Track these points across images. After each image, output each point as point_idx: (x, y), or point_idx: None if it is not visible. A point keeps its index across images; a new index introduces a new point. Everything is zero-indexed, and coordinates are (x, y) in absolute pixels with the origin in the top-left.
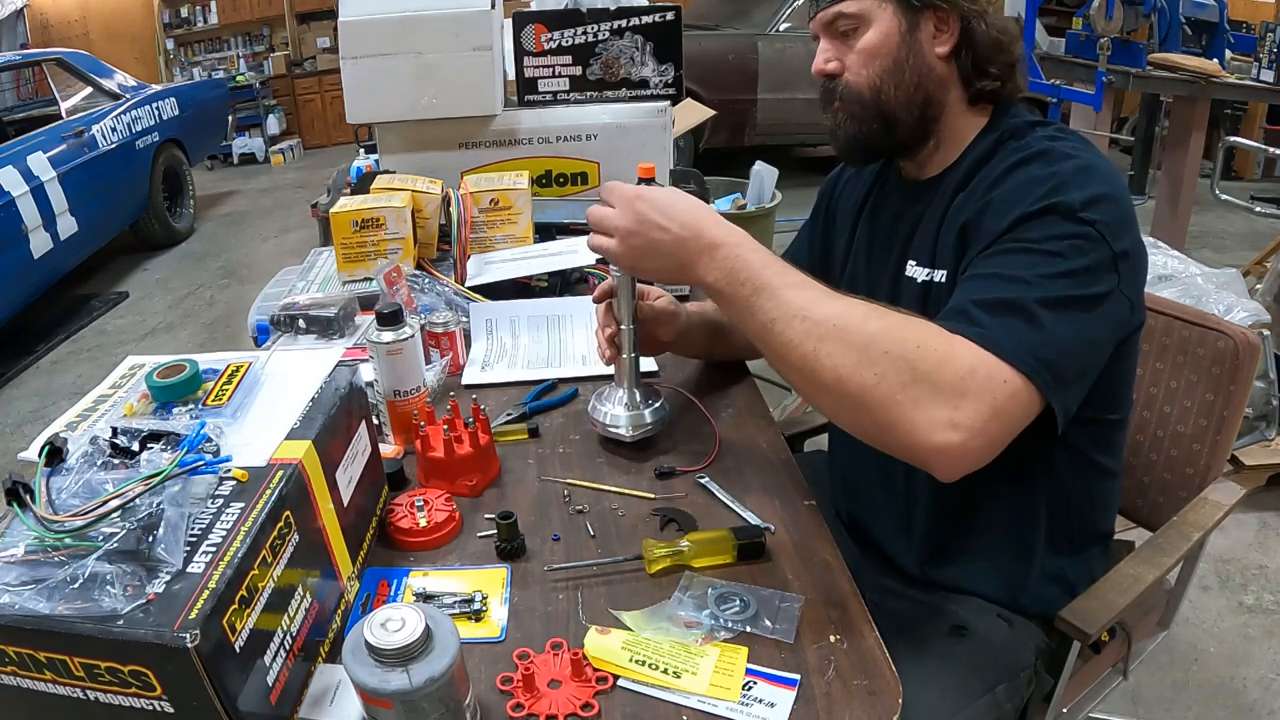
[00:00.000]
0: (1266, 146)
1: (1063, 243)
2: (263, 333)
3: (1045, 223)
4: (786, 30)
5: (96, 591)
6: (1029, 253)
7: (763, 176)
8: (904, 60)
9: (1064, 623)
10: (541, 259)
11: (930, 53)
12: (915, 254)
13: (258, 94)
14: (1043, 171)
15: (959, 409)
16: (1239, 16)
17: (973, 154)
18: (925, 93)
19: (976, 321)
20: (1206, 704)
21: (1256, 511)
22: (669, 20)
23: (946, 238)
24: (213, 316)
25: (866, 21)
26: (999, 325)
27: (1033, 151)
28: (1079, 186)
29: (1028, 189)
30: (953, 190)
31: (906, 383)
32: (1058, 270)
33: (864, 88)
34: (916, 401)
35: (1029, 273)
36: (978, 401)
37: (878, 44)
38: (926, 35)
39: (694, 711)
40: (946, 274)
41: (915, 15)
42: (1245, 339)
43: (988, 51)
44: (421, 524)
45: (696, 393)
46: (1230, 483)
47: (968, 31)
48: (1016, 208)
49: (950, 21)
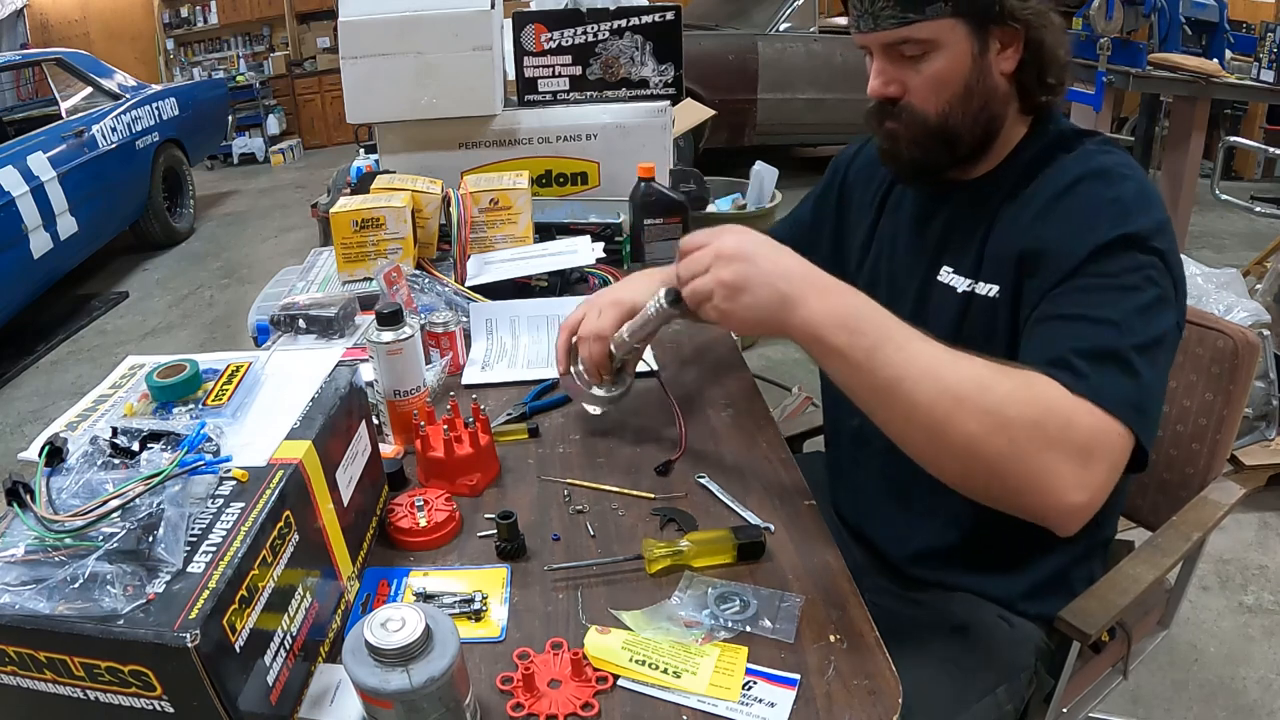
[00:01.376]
0: (1266, 146)
1: (1139, 274)
2: (263, 333)
3: (1121, 256)
4: (786, 30)
5: (96, 591)
6: (1111, 290)
7: (763, 176)
8: (974, 84)
9: (1064, 623)
10: (541, 259)
11: (996, 71)
12: (952, 260)
13: (258, 94)
14: (1105, 195)
15: (1088, 469)
16: (1239, 16)
17: (1019, 161)
18: (990, 112)
19: (1082, 374)
20: (1206, 704)
21: (1256, 511)
22: (669, 20)
23: (998, 252)
24: (213, 316)
25: (936, 46)
26: (1104, 378)
27: (1090, 170)
28: (1143, 212)
29: (1094, 216)
30: (998, 198)
31: (1040, 448)
32: (1139, 305)
33: (931, 114)
34: (1050, 467)
35: (1116, 313)
36: (1103, 461)
37: (949, 70)
38: (994, 54)
39: (694, 711)
40: (999, 290)
41: (985, 35)
42: (1245, 339)
43: (1050, 62)
44: (421, 524)
45: (696, 393)
46: (1230, 483)
47: (1033, 45)
48: (1089, 238)
49: (1016, 37)
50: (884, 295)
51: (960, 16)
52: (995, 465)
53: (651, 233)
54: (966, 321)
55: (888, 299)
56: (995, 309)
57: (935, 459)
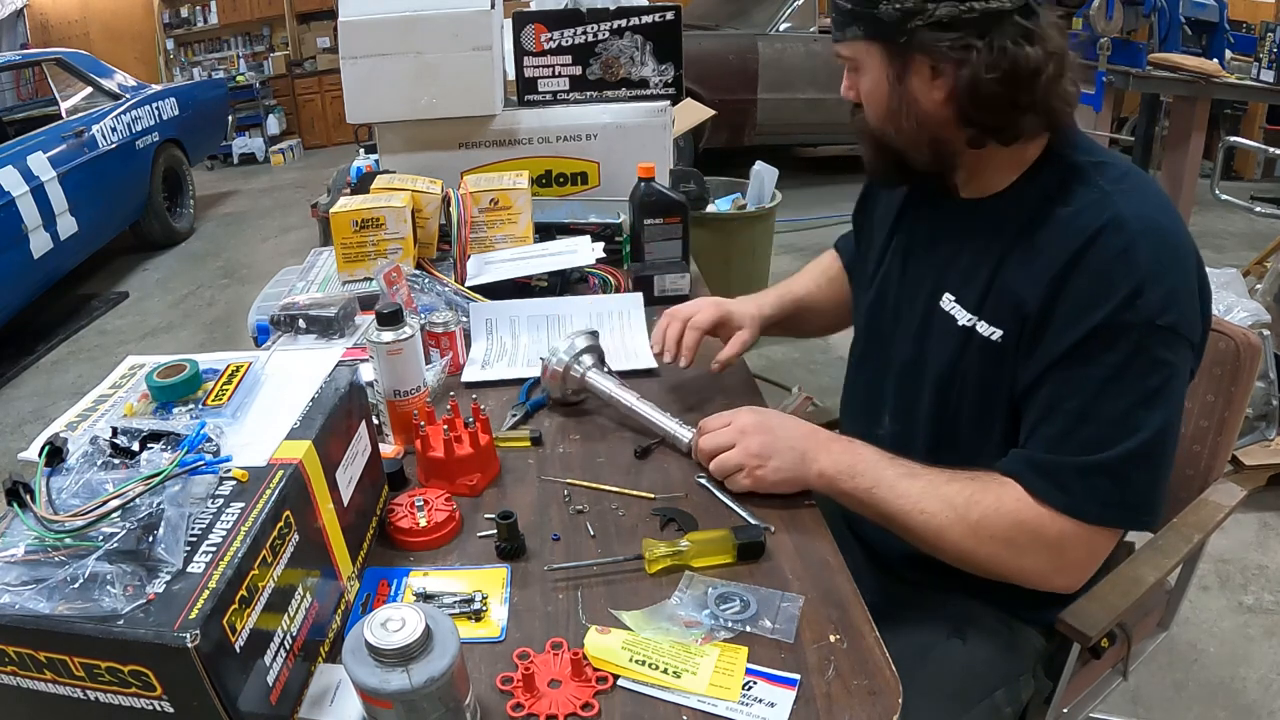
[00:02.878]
0: (1266, 146)
1: (1145, 358)
2: (263, 333)
3: (1123, 343)
4: (786, 30)
5: (96, 591)
6: (1109, 381)
7: (763, 176)
8: (897, 109)
9: (1064, 625)
10: (541, 259)
11: (927, 99)
12: (955, 288)
13: (258, 94)
14: (1120, 262)
15: (1063, 560)
16: (1239, 16)
17: (1029, 189)
18: (930, 133)
19: (1066, 489)
20: (1206, 704)
21: (1256, 512)
22: (669, 20)
23: (1005, 296)
24: (213, 316)
25: (857, 66)
26: (1088, 492)
27: (1107, 223)
28: (1156, 283)
29: (1105, 284)
30: (1009, 232)
31: (1014, 556)
32: (1142, 397)
33: (874, 125)
34: (1027, 566)
35: (1113, 408)
36: (1074, 553)
37: (870, 89)
38: (920, 81)
39: (694, 711)
40: (1002, 335)
41: (904, 62)
42: (1245, 339)
43: (990, 99)
44: (421, 524)
45: (696, 392)
46: (1230, 484)
47: (964, 80)
48: (1096, 308)
49: (944, 67)
50: (890, 316)
51: (873, 40)
52: (984, 567)
53: (651, 233)
54: (965, 358)
55: (893, 320)
56: (998, 355)
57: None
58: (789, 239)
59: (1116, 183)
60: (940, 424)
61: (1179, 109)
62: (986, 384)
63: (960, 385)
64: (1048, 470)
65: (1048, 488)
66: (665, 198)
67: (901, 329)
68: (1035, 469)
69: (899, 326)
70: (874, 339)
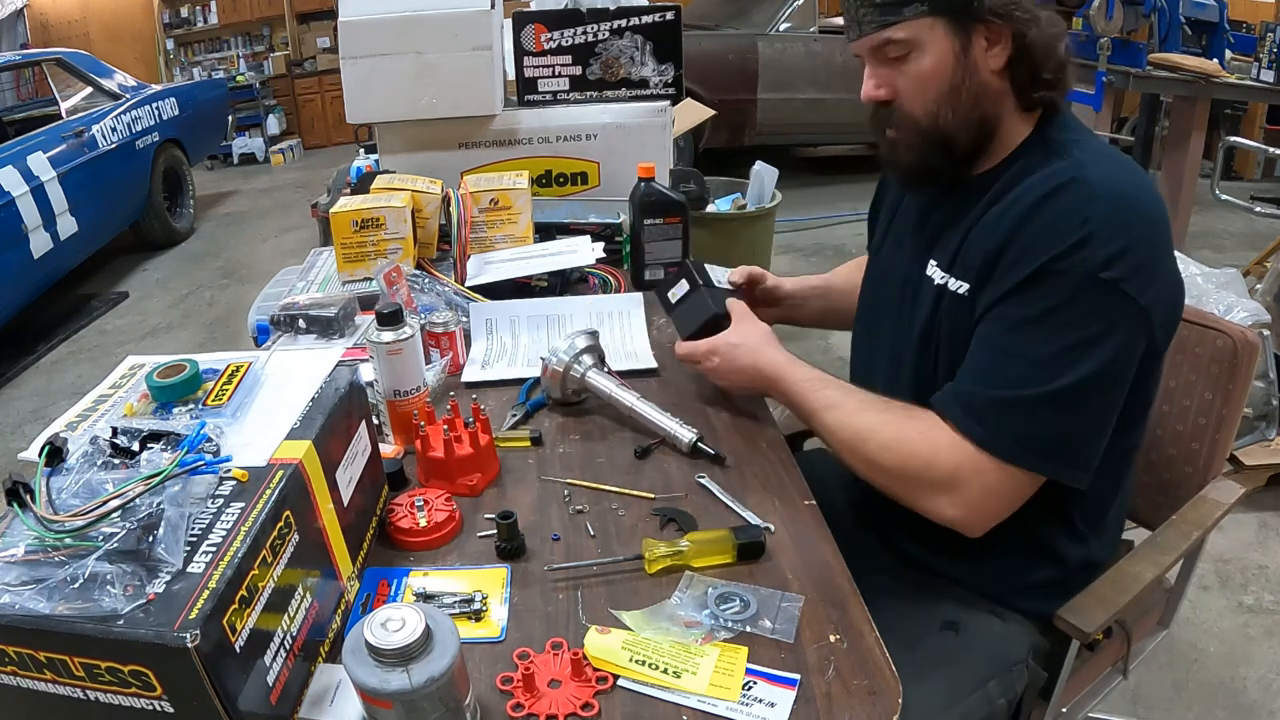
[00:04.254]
0: (1266, 146)
1: (1078, 306)
2: (263, 333)
3: (1062, 284)
4: (786, 30)
5: (96, 591)
6: (1038, 321)
7: (763, 176)
8: (960, 83)
9: (1062, 621)
10: (541, 259)
11: (985, 69)
12: (937, 255)
13: (258, 94)
14: (1075, 213)
15: (956, 494)
16: (1239, 16)
17: (1015, 164)
18: (982, 110)
19: (981, 421)
20: (1206, 704)
21: (1256, 511)
22: (669, 20)
23: (971, 251)
24: (213, 316)
25: (918, 46)
26: (999, 424)
27: (1073, 179)
28: (1107, 238)
29: (1055, 231)
30: (987, 201)
31: (909, 484)
32: (1071, 342)
33: (920, 116)
34: (922, 494)
35: (1040, 350)
36: (967, 490)
37: (932, 69)
38: (980, 51)
39: (694, 711)
40: (968, 288)
41: (967, 33)
42: (1244, 338)
43: (1042, 59)
44: (421, 524)
45: (696, 393)
46: (1229, 482)
47: (1021, 42)
48: (1042, 252)
49: (1002, 33)
50: (885, 290)
51: (938, 15)
52: (889, 490)
53: (651, 233)
54: (937, 314)
55: (886, 293)
56: (966, 307)
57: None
58: (789, 239)
59: (1092, 154)
60: (919, 384)
61: (1179, 109)
62: (956, 337)
63: (936, 341)
64: (967, 400)
65: (964, 417)
66: (665, 198)
67: (893, 299)
68: (956, 398)
69: (891, 298)
70: (870, 312)
